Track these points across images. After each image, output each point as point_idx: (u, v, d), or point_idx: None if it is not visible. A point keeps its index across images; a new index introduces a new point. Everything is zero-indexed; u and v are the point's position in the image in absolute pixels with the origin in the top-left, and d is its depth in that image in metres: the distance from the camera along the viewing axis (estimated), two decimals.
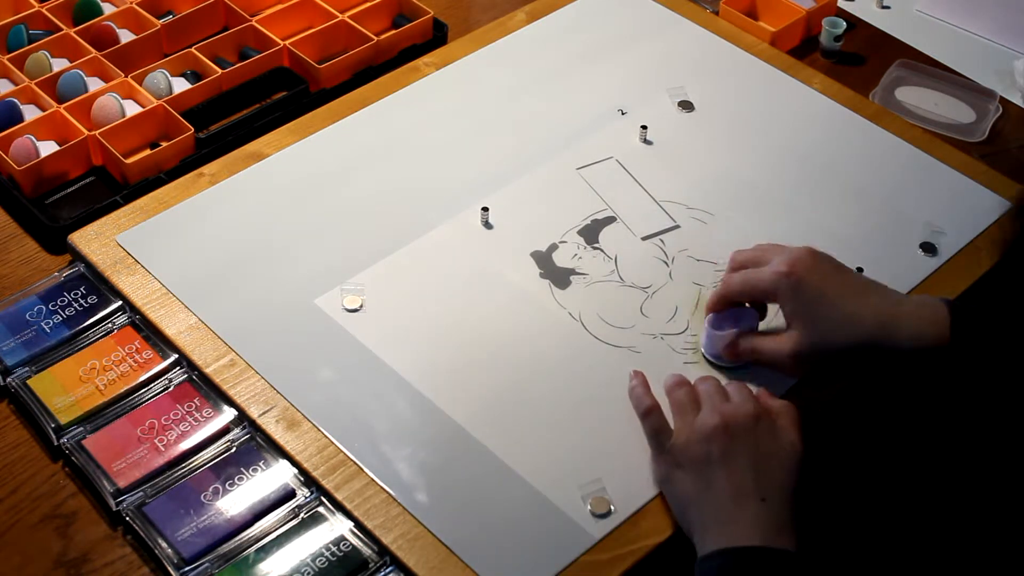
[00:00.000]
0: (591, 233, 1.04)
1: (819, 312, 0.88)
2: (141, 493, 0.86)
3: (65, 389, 0.92)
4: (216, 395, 0.92)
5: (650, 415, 0.87)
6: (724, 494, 0.81)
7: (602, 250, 1.03)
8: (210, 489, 0.86)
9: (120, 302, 0.98)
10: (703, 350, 0.95)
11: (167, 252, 1.01)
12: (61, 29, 1.21)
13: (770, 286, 0.90)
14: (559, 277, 1.01)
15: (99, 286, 0.99)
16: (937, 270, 1.02)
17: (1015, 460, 0.94)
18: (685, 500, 0.83)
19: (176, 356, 0.94)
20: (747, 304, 0.94)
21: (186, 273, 1.00)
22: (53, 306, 0.98)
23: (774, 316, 0.95)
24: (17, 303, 0.98)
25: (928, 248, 1.03)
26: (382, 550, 0.83)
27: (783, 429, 0.84)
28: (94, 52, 1.18)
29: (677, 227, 1.05)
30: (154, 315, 0.96)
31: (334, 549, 0.84)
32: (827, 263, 0.91)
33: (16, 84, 1.16)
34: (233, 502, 0.86)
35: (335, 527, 0.85)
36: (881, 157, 1.12)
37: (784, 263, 0.90)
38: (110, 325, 0.97)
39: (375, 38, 1.22)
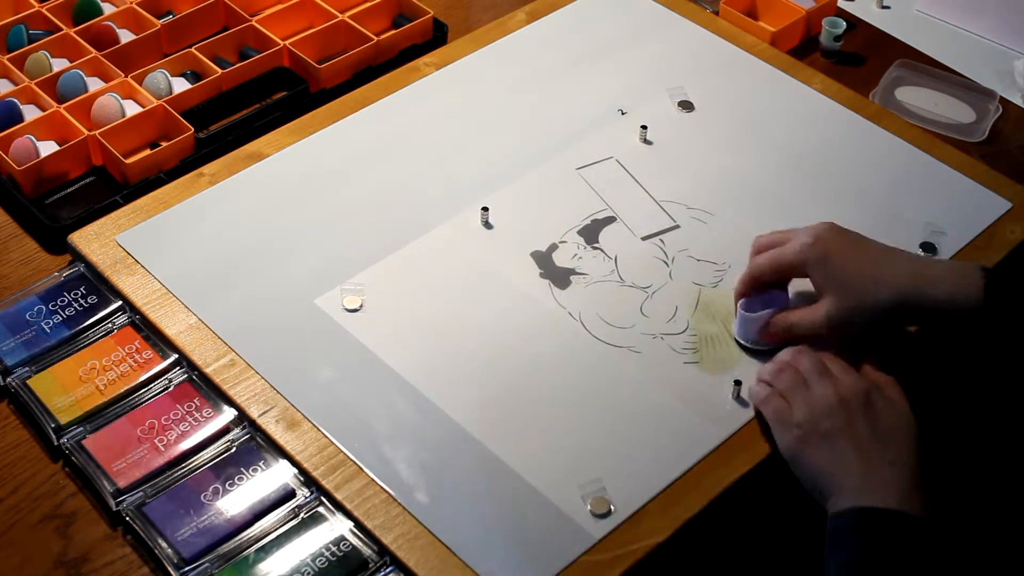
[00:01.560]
0: (591, 233, 1.04)
1: (849, 276, 0.90)
2: (141, 493, 0.86)
3: (65, 389, 0.92)
4: (216, 395, 0.92)
5: (769, 401, 0.89)
6: (854, 460, 0.83)
7: (602, 250, 1.03)
8: (210, 489, 0.86)
9: (120, 302, 0.98)
10: (737, 336, 0.96)
11: (167, 252, 1.01)
12: (61, 29, 1.21)
13: (798, 259, 0.92)
14: (559, 277, 1.01)
15: (99, 286, 0.99)
16: None
17: None
18: (816, 470, 0.85)
19: (176, 356, 0.94)
20: (772, 289, 0.95)
21: (186, 273, 1.00)
22: (53, 306, 0.97)
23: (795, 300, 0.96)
24: (17, 303, 0.98)
25: (928, 248, 1.03)
26: (382, 550, 0.83)
27: (895, 399, 0.87)
28: (94, 52, 1.18)
29: (677, 227, 1.05)
30: (154, 315, 0.96)
31: (334, 549, 0.84)
32: (850, 234, 0.93)
33: (16, 84, 1.16)
34: (233, 502, 0.86)
35: (335, 527, 0.85)
36: (881, 157, 1.12)
37: (809, 236, 0.92)
38: (110, 325, 0.97)
39: (375, 38, 1.22)
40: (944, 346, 0.97)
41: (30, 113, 1.14)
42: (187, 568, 0.82)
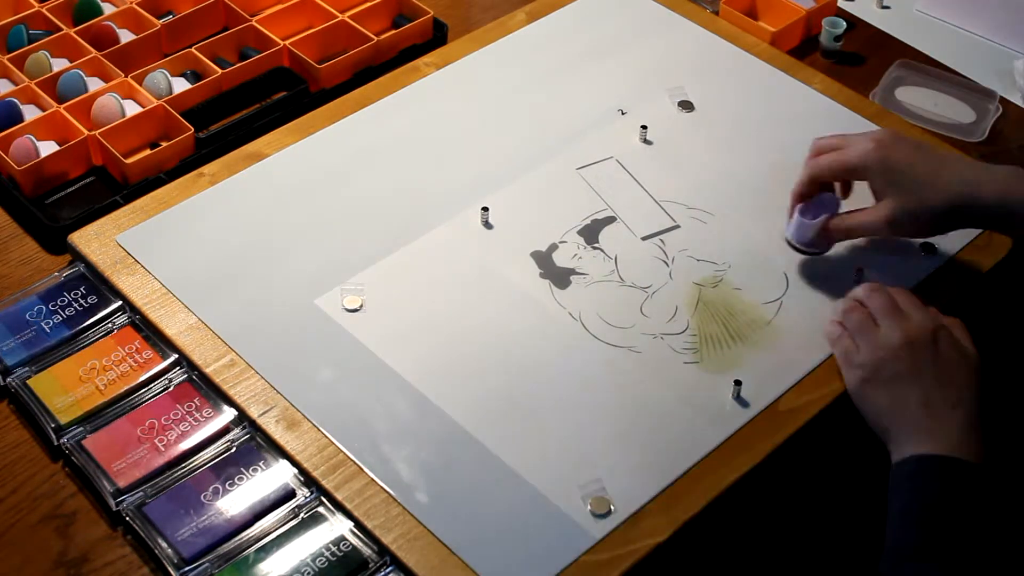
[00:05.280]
0: (591, 233, 1.04)
1: (908, 180, 0.95)
2: (141, 493, 0.86)
3: (65, 389, 0.92)
4: (216, 395, 0.92)
5: (839, 341, 0.93)
6: (916, 404, 0.86)
7: (602, 250, 1.03)
8: (210, 489, 0.86)
9: (120, 302, 0.98)
10: (790, 239, 1.01)
11: (167, 252, 1.01)
12: (61, 29, 1.21)
13: (860, 162, 0.97)
14: (559, 277, 1.01)
15: (99, 286, 0.99)
16: (937, 270, 1.02)
17: None
18: (879, 411, 0.88)
19: (176, 356, 0.94)
20: (823, 193, 1.00)
21: (186, 273, 1.00)
22: (53, 306, 0.98)
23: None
24: (17, 303, 0.98)
25: (928, 248, 1.03)
26: (382, 550, 0.83)
27: (961, 340, 0.90)
28: (94, 52, 1.18)
29: (677, 227, 1.05)
30: (154, 315, 0.96)
31: (334, 549, 0.84)
32: (909, 140, 0.98)
33: (16, 84, 1.16)
34: (233, 502, 0.86)
35: (335, 527, 0.85)
36: None
37: (871, 140, 0.97)
38: (110, 325, 0.97)
39: (375, 38, 1.22)
40: (1007, 290, 1.00)
41: (30, 113, 1.14)
42: (187, 568, 0.82)
